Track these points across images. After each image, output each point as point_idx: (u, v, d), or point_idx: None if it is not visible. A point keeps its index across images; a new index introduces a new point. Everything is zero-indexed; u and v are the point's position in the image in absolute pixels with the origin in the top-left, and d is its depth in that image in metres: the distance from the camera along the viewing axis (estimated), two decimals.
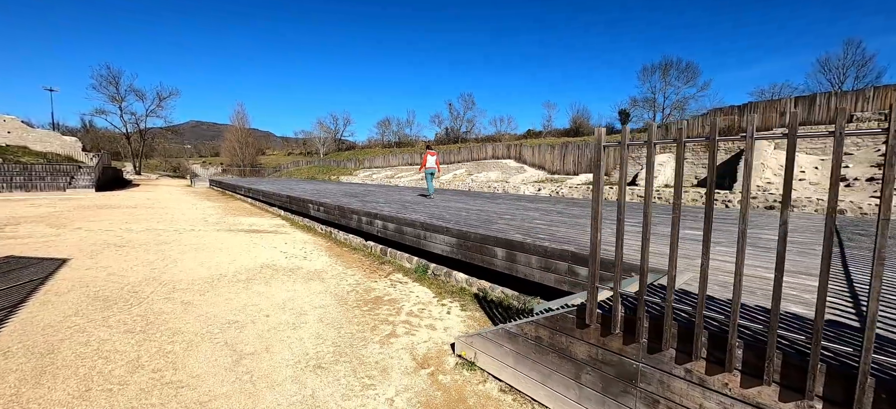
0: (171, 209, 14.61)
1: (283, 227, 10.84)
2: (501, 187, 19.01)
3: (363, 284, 5.57)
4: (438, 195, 13.69)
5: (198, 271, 5.90)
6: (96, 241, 8.01)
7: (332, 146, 73.48)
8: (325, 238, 9.09)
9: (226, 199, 20.33)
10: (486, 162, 25.00)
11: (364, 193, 14.50)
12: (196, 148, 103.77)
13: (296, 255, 7.31)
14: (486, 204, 10.05)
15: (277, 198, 13.33)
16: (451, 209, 8.40)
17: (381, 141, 75.58)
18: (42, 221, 10.70)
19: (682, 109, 46.14)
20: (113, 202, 16.75)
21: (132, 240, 8.25)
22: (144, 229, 9.84)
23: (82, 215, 12.08)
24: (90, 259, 6.45)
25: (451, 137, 65.43)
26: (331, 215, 9.11)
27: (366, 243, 7.85)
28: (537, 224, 6.16)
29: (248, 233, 9.59)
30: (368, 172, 36.48)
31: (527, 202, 11.07)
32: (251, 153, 59.29)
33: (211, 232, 9.58)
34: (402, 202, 10.12)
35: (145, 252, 7.08)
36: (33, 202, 15.77)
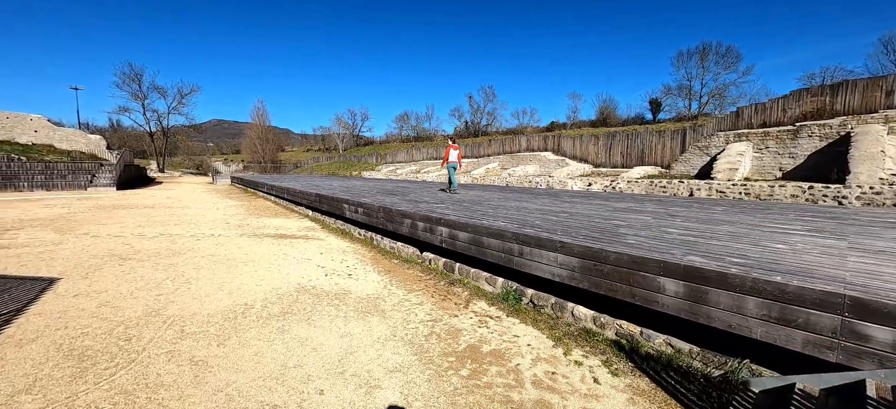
0: (190, 210, 13.43)
1: (314, 230, 9.40)
2: (544, 182, 17.19)
3: (441, 320, 3.98)
4: (476, 191, 12.03)
5: (216, 299, 4.43)
6: (99, 251, 6.69)
7: (350, 142, 72.77)
8: (366, 246, 7.57)
9: (248, 197, 19.20)
10: (521, 155, 23.15)
11: (401, 190, 12.95)
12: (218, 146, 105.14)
13: (337, 270, 5.79)
14: (552, 203, 8.33)
15: (305, 197, 11.93)
16: (511, 209, 6.74)
17: (399, 136, 74.44)
18: (49, 224, 9.57)
19: (722, 96, 43.04)
20: (131, 202, 15.77)
21: (141, 250, 6.91)
22: (158, 234, 8.55)
23: (94, 217, 10.95)
24: (84, 280, 5.07)
25: (470, 130, 63.63)
26: (372, 219, 7.57)
27: (422, 255, 6.27)
28: (672, 233, 4.43)
29: (275, 239, 8.16)
30: (391, 167, 35.09)
31: (599, 200, 9.28)
32: (271, 150, 58.96)
33: (233, 238, 8.19)
34: (457, 201, 8.49)
35: (153, 268, 5.68)
36: (49, 202, 14.90)
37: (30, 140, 32.19)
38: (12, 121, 33.03)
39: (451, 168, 11.08)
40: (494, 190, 13.72)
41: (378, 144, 70.47)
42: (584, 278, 3.68)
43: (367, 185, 16.75)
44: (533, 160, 21.86)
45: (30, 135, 32.91)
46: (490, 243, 4.73)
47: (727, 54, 41.73)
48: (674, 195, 12.80)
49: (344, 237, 8.43)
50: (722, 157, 13.47)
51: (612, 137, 19.90)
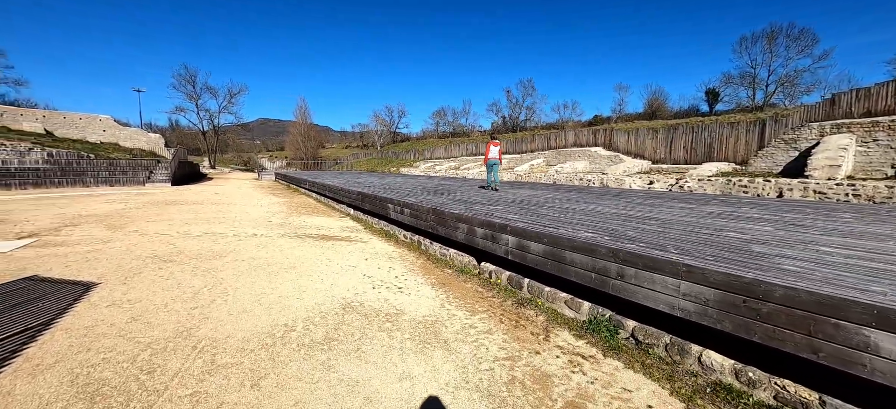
0: (235, 206, 13.48)
1: (356, 231, 8.87)
2: (597, 180, 15.79)
3: (520, 359, 3.14)
4: (526, 190, 11.02)
5: (253, 316, 3.85)
6: (143, 252, 6.47)
7: (387, 138, 73.42)
8: (414, 251, 6.87)
9: (290, 193, 19.33)
10: (568, 151, 21.69)
11: (446, 188, 12.21)
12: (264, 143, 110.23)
13: (385, 281, 5.10)
14: (625, 205, 7.20)
15: (346, 195, 11.50)
16: (582, 213, 5.72)
17: (435, 132, 74.17)
18: (103, 220, 9.73)
19: (793, 84, 38.73)
20: (182, 198, 16.22)
21: (184, 250, 6.63)
22: (202, 232, 8.35)
23: (146, 214, 11.13)
24: (121, 286, 4.72)
25: (508, 125, 62.03)
26: (421, 221, 6.85)
27: (480, 267, 5.45)
28: (834, 255, 3.30)
29: (317, 241, 7.67)
30: (430, 163, 34.58)
31: (678, 202, 8.01)
32: (313, 147, 60.57)
33: (275, 239, 7.80)
34: (513, 202, 7.60)
35: (192, 273, 5.28)
36: (109, 198, 15.62)
37: (99, 139, 34.84)
38: (85, 121, 35.91)
39: (492, 165, 10.50)
40: (545, 189, 12.62)
41: (415, 141, 70.56)
42: (726, 318, 2.69)
43: (407, 182, 16.19)
44: (582, 156, 20.36)
45: (99, 134, 35.63)
46: (574, 260, 3.81)
47: (800, 37, 37.41)
48: (758, 196, 11.10)
49: (388, 240, 7.80)
50: (818, 151, 11.54)
51: (673, 131, 18.03)
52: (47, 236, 7.66)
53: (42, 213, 10.94)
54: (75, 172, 21.23)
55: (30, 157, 21.91)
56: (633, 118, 48.03)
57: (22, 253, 6.28)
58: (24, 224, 9.02)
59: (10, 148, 22.08)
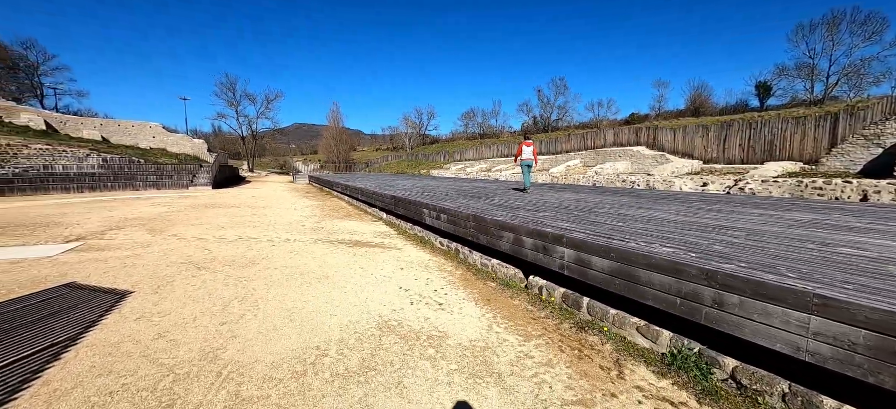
0: (270, 210, 13.59)
1: (389, 236, 8.52)
2: (642, 181, 14.70)
3: (593, 402, 2.58)
4: (568, 193, 10.28)
5: (283, 336, 3.51)
6: (178, 258, 6.39)
7: (417, 141, 73.78)
8: (451, 260, 6.40)
9: (323, 196, 19.46)
10: (607, 150, 20.54)
11: (481, 191, 11.69)
12: (299, 147, 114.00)
13: (424, 295, 4.66)
14: (687, 211, 6.39)
15: (379, 199, 11.23)
16: (638, 221, 5.01)
17: (465, 133, 73.73)
18: (146, 224, 9.95)
19: (859, 74, 35.24)
20: (221, 201, 16.64)
21: (217, 257, 6.50)
22: (237, 237, 8.29)
23: (186, 217, 11.35)
24: (153, 295, 4.55)
25: (539, 125, 60.61)
26: (459, 228, 6.37)
27: (528, 281, 4.89)
28: None
29: (350, 247, 7.38)
30: (460, 165, 34.12)
31: (749, 207, 7.07)
32: (345, 150, 61.76)
33: (307, 244, 7.58)
34: (562, 208, 6.98)
35: (224, 283, 5.07)
36: (155, 201, 16.26)
37: (148, 145, 36.98)
38: (137, 129, 38.26)
39: (525, 165, 10.13)
40: (588, 192, 11.81)
41: (444, 142, 70.43)
42: (884, 370, 2.01)
43: (440, 185, 15.80)
44: (623, 156, 19.18)
45: (149, 140, 37.85)
46: (652, 280, 3.19)
47: (867, 22, 33.94)
48: (836, 199, 9.80)
49: (423, 247, 7.38)
50: None
51: (727, 127, 16.55)
52: (93, 240, 7.83)
53: (93, 216, 11.41)
54: (126, 177, 22.47)
55: (87, 162, 23.44)
56: (674, 116, 45.45)
57: (66, 257, 6.36)
58: (74, 227, 9.36)
59: (70, 154, 23.72)
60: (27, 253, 6.63)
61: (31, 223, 9.97)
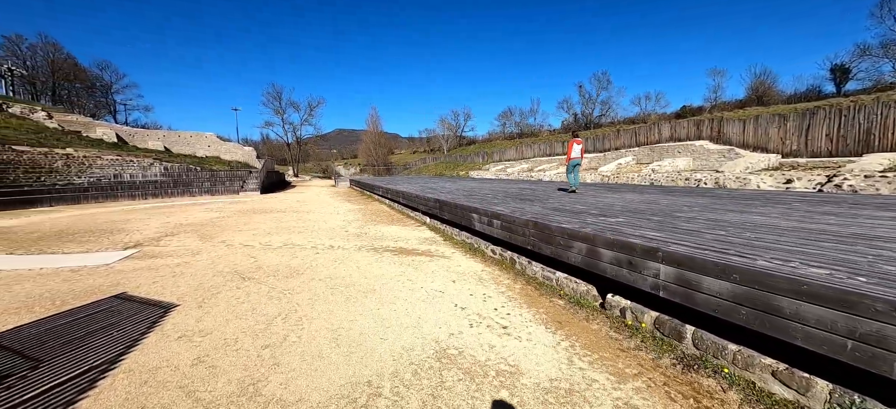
0: (314, 214, 13.62)
1: (435, 243, 8.02)
2: (710, 179, 13.20)
3: None
4: (631, 194, 9.25)
5: (330, 365, 3.05)
6: (225, 267, 6.25)
7: (454, 142, 73.60)
8: (507, 271, 5.76)
9: (365, 200, 19.47)
10: (665, 146, 18.88)
11: (532, 193, 10.93)
12: (340, 152, 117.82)
13: (484, 315, 4.06)
14: (793, 215, 5.30)
15: (422, 202, 10.80)
16: (747, 229, 4.08)
17: (502, 133, 72.56)
18: (198, 230, 10.17)
19: None
20: (268, 206, 17.05)
21: (263, 265, 6.30)
22: (282, 243, 8.15)
23: (235, 223, 11.56)
24: (197, 310, 4.32)
25: (581, 122, 58.18)
26: (516, 236, 5.71)
27: (606, 300, 4.15)
28: None
29: (396, 255, 6.95)
30: (500, 165, 33.23)
31: (872, 210, 5.82)
32: (383, 153, 62.77)
33: (352, 252, 7.25)
34: (632, 212, 6.13)
35: (268, 296, 4.77)
36: (208, 206, 16.96)
37: (204, 153, 39.41)
38: (194, 138, 40.92)
39: (573, 165, 9.89)
40: (650, 191, 10.68)
41: (481, 143, 69.64)
42: None
43: (483, 187, 15.16)
44: (683, 152, 17.50)
45: (205, 149, 40.33)
46: (803, 313, 2.38)
47: None
48: None
49: (474, 256, 6.79)
50: None
51: (811, 116, 14.52)
52: (148, 247, 8.00)
53: (151, 222, 11.93)
54: (184, 184, 23.85)
55: (150, 171, 25.18)
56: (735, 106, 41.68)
57: (122, 265, 6.43)
58: (133, 234, 9.72)
59: (136, 164, 25.61)
60: (88, 261, 6.80)
61: (98, 229, 10.52)
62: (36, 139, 25.41)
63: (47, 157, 22.34)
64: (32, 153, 21.98)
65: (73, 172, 22.26)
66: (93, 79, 53.20)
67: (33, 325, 3.93)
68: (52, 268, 6.32)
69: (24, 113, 30.76)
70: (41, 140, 25.55)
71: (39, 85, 47.69)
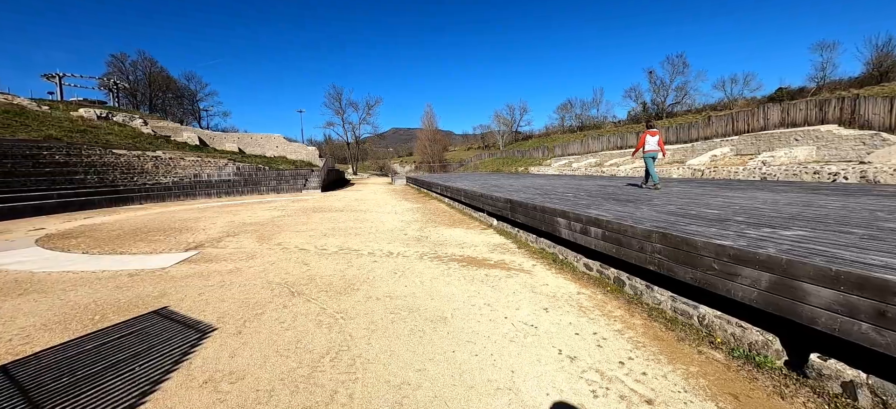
0: (371, 214, 13.05)
1: (508, 250, 6.79)
2: (852, 173, 10.41)
3: None
4: (764, 194, 7.21)
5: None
6: (275, 277, 5.59)
7: (509, 138, 71.40)
8: (613, 294, 4.37)
9: (422, 198, 18.74)
10: (773, 134, 15.72)
11: (616, 190, 9.26)
12: (396, 149, 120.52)
13: (614, 380, 2.77)
14: None
15: (488, 202, 9.61)
16: None
17: (560, 127, 68.98)
18: (258, 230, 9.94)
19: None
20: (327, 204, 16.95)
21: (315, 275, 5.54)
22: (338, 248, 7.45)
23: (294, 222, 11.28)
24: (235, 339, 3.54)
25: (649, 111, 53.05)
26: (630, 251, 4.30)
27: (810, 366, 2.64)
28: None
29: (464, 267, 5.84)
30: (563, 161, 30.91)
31: None
32: (438, 150, 62.56)
33: (413, 261, 6.28)
34: (788, 217, 4.42)
35: (317, 322, 3.89)
36: (272, 204, 17.30)
37: (273, 153, 41.76)
38: (263, 140, 43.56)
39: (648, 158, 9.04)
40: (781, 189, 8.47)
41: (538, 138, 66.71)
42: None
43: (553, 184, 13.57)
44: (804, 139, 14.32)
45: (273, 150, 42.75)
46: None
47: None
48: None
49: (560, 270, 5.46)
50: None
51: None
52: (208, 248, 7.74)
53: (219, 220, 12.11)
54: (253, 182, 25.05)
55: (224, 171, 26.85)
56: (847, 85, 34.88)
57: (177, 270, 6.07)
58: (198, 233, 9.72)
59: (213, 164, 27.49)
60: (149, 263, 6.58)
61: (170, 228, 10.78)
62: (132, 143, 28.28)
63: (140, 159, 24.63)
64: (128, 156, 24.36)
65: (160, 172, 24.31)
66: (181, 89, 59.27)
67: (59, 350, 3.39)
68: (112, 271, 6.13)
69: (125, 121, 34.64)
70: (136, 144, 28.39)
71: (139, 96, 54.11)
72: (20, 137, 21.52)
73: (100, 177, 20.43)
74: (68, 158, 20.86)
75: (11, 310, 4.44)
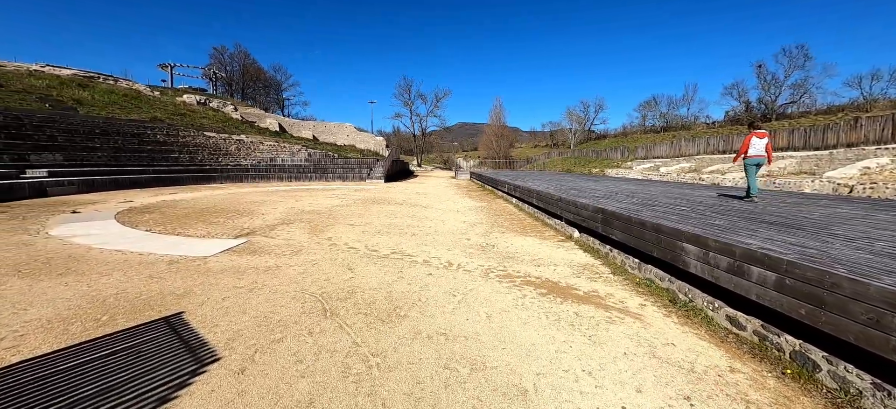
0: (432, 210, 12.04)
1: (600, 276, 5.21)
2: None
3: None
4: None
5: None
6: (311, 285, 4.69)
7: (581, 136, 66.73)
8: (799, 387, 2.69)
9: (486, 196, 17.40)
10: None
11: (755, 209, 7.10)
12: (460, 144, 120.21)
13: None
14: None
15: (568, 209, 7.99)
16: None
17: (641, 126, 62.86)
18: (313, 220, 9.42)
19: None
20: (388, 196, 16.39)
21: (358, 289, 4.54)
22: (390, 251, 6.46)
23: (351, 213, 10.67)
24: (230, 384, 2.58)
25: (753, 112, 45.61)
26: (833, 313, 2.59)
27: None
28: None
29: (544, 296, 4.43)
30: (648, 164, 27.39)
31: None
32: (505, 146, 60.48)
33: (477, 279, 5.02)
34: None
35: (341, 372, 2.80)
36: (334, 192, 17.21)
37: (343, 142, 43.27)
38: (335, 129, 45.35)
39: (751, 165, 7.72)
40: None
41: (615, 137, 61.36)
42: None
43: (648, 190, 11.39)
44: None
45: (344, 138, 44.31)
46: None
47: None
48: None
49: (688, 320, 3.80)
50: None
51: None
52: (257, 237, 7.26)
53: (281, 205, 11.99)
54: (321, 169, 25.72)
55: (297, 156, 28.01)
56: None
57: (214, 261, 5.51)
58: (256, 218, 9.47)
59: (287, 149, 28.87)
60: (194, 249, 6.17)
61: (234, 210, 10.79)
62: (222, 127, 30.75)
63: (226, 142, 26.55)
64: (216, 138, 26.39)
65: (241, 154, 25.96)
66: (269, 79, 64.40)
67: (40, 362, 2.72)
68: (157, 256, 5.76)
69: (218, 107, 38.09)
70: (225, 128, 30.82)
71: (234, 85, 59.77)
72: (132, 118, 24.27)
73: (190, 156, 22.23)
74: (167, 138, 23.02)
75: (36, 295, 4.04)
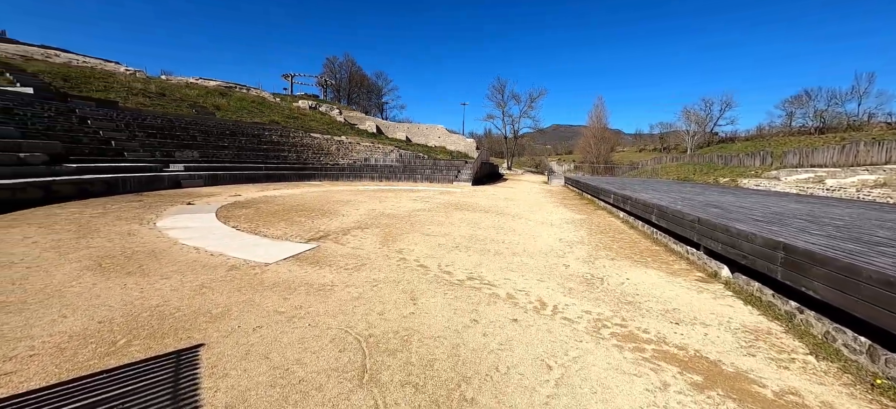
0: (521, 221, 10.53)
1: (790, 355, 3.22)
2: None
3: None
4: None
5: None
6: (358, 323, 3.71)
7: (701, 139, 57.13)
8: None
9: (585, 205, 15.11)
10: None
11: None
12: (554, 147, 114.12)
13: None
14: None
15: (716, 237, 5.79)
16: None
17: (785, 127, 51.42)
18: (389, 226, 8.73)
19: None
20: (473, 201, 15.27)
21: (414, 336, 3.41)
22: (467, 274, 5.24)
23: (431, 219, 9.78)
24: None
25: None
26: None
27: None
28: None
29: (696, 389, 2.71)
30: (805, 174, 21.46)
31: None
32: (605, 150, 54.97)
33: (583, 338, 3.48)
34: None
35: None
36: (419, 194, 16.74)
37: (434, 143, 43.81)
38: (427, 130, 46.20)
39: None
40: None
41: (747, 141, 51.17)
42: None
43: (830, 212, 8.20)
44: None
45: (435, 140, 44.88)
46: None
47: None
48: None
49: None
50: None
51: None
52: (328, 243, 6.73)
53: (363, 207, 11.74)
54: (410, 170, 25.92)
55: (389, 157, 28.81)
56: None
57: (273, 271, 4.96)
58: (335, 219, 9.17)
59: (381, 150, 29.94)
60: (259, 254, 5.79)
61: (318, 209, 10.79)
62: (326, 129, 33.34)
63: (328, 142, 28.55)
64: (321, 139, 28.54)
65: (340, 154, 27.59)
66: (371, 84, 69.21)
67: (22, 402, 2.13)
68: (224, 258, 5.47)
69: (326, 111, 41.72)
70: (329, 130, 33.35)
71: (341, 90, 65.60)
72: (255, 121, 27.54)
73: (296, 155, 24.24)
74: (280, 139, 25.50)
75: (89, 297, 3.80)
